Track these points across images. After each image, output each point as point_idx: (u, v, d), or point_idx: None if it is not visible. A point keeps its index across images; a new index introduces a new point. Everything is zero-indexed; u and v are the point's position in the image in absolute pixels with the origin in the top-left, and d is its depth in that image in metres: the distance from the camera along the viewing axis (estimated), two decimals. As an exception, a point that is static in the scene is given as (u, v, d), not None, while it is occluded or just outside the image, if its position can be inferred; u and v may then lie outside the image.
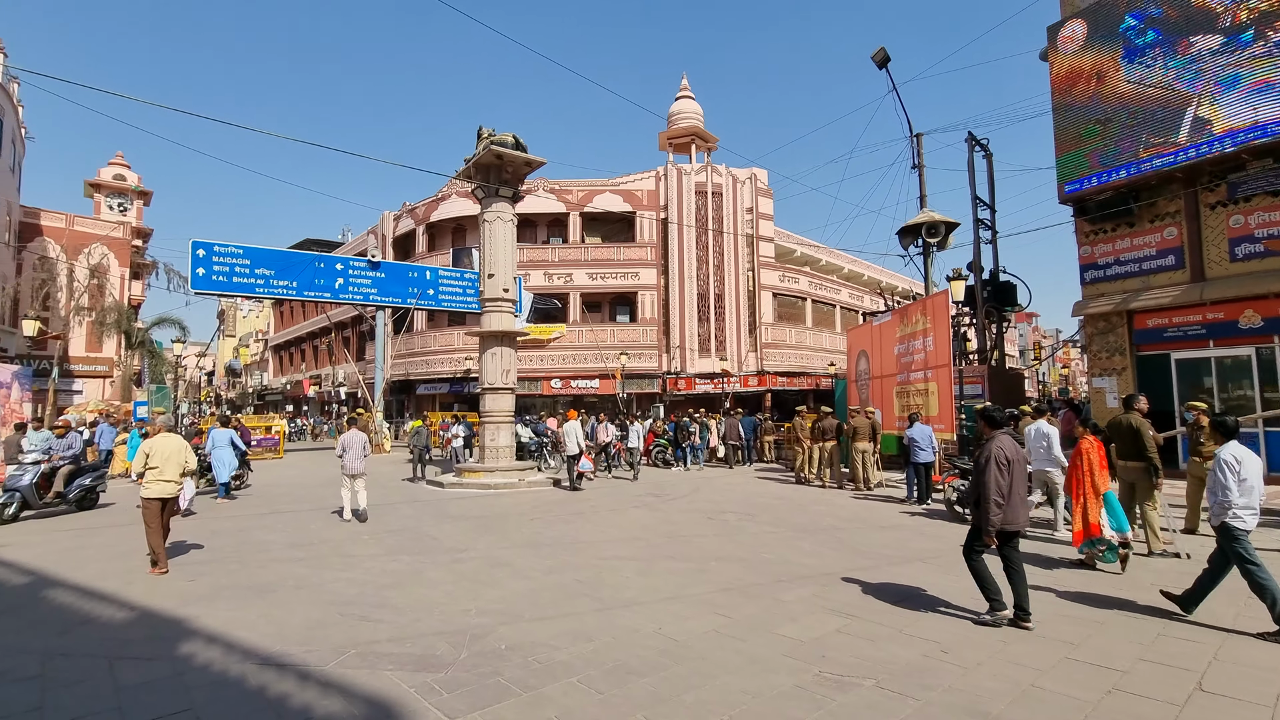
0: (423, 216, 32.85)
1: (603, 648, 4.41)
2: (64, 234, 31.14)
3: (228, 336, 63.15)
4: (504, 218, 14.77)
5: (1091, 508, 6.26)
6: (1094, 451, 6.44)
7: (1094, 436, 6.59)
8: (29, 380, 16.02)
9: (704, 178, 31.16)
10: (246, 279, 19.64)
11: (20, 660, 4.27)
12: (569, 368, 29.93)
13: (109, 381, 32.29)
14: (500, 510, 10.62)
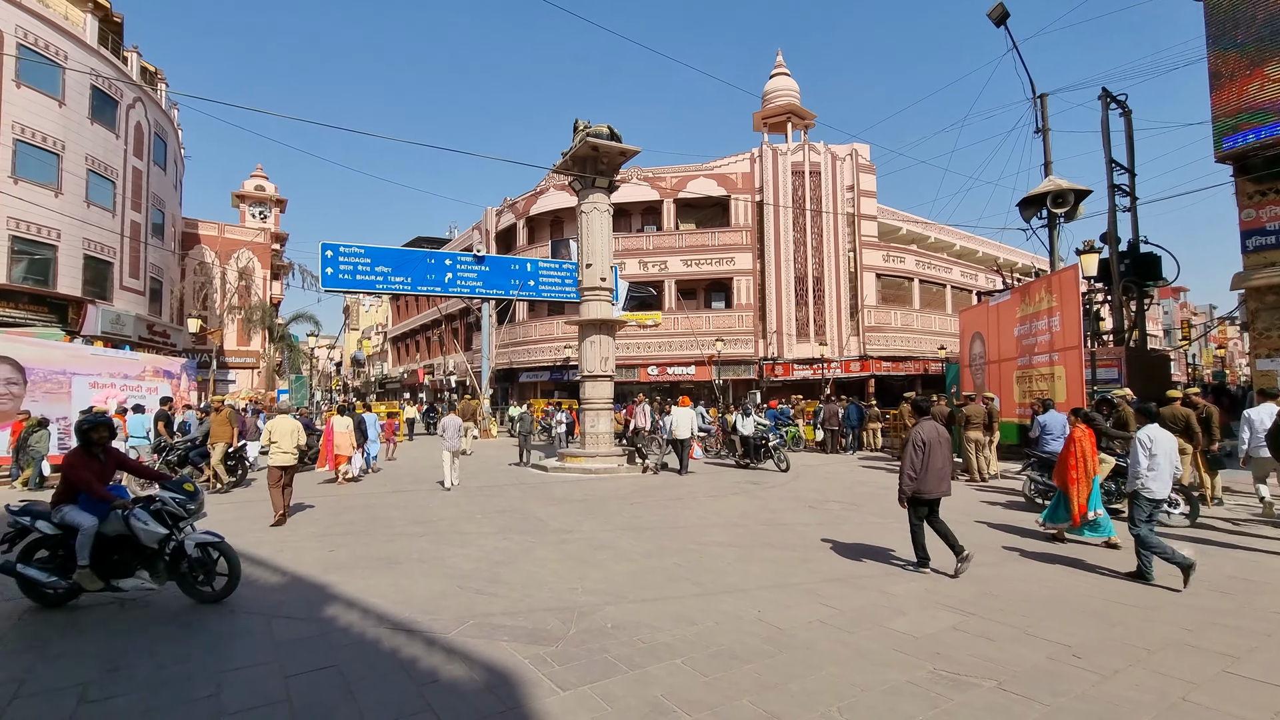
0: (522, 210, 34.05)
1: (705, 632, 4.45)
2: (217, 241, 35.15)
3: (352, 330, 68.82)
4: (600, 208, 15.03)
5: (1083, 492, 6.63)
6: (1085, 440, 6.72)
7: (1085, 425, 6.88)
8: (194, 371, 18.26)
9: (801, 157, 30.15)
10: (368, 276, 21.26)
11: (198, 615, 4.93)
12: (665, 355, 30.12)
13: (256, 372, 36.18)
14: (601, 494, 10.93)
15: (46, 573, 4.97)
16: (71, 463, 5.15)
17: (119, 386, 14.66)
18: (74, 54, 22.13)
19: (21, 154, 20.37)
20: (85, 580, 4.93)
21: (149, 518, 5.02)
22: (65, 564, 5.00)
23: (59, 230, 21.43)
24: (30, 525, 5.09)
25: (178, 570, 5.13)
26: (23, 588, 5.03)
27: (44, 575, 4.95)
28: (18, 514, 5.18)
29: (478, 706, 3.40)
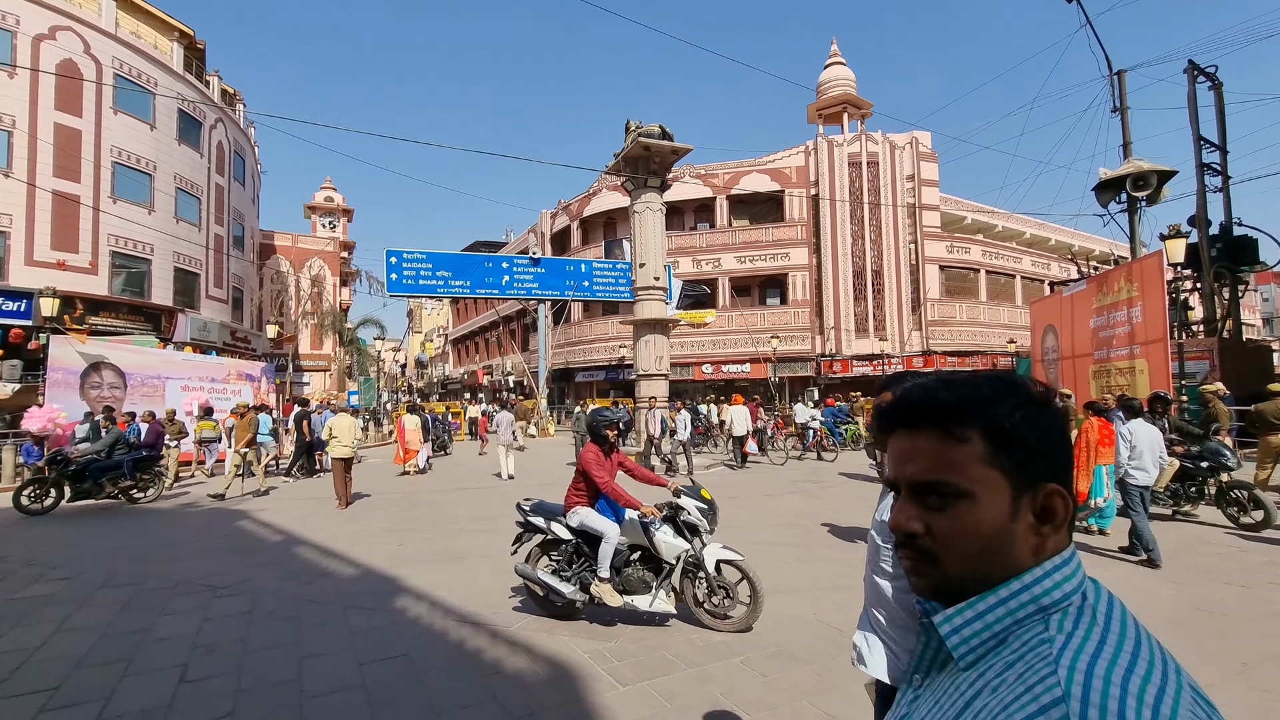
0: (576, 212, 34.49)
1: (764, 632, 4.43)
2: (291, 251, 37.13)
3: (415, 333, 71.36)
4: (653, 207, 15.09)
5: (1083, 480, 6.74)
6: (1093, 431, 6.82)
7: (1097, 416, 6.97)
8: (273, 374, 19.38)
9: (858, 147, 29.37)
10: (430, 280, 22.03)
11: (283, 603, 5.25)
12: (719, 353, 29.94)
13: (328, 374, 38.04)
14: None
15: (567, 582, 4.59)
16: (591, 460, 4.59)
17: (206, 389, 15.72)
18: (163, 80, 23.82)
19: (119, 175, 22.09)
20: (607, 595, 4.46)
21: (669, 529, 4.52)
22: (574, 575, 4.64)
23: (152, 245, 23.12)
24: (543, 527, 4.79)
25: (689, 590, 4.56)
26: (536, 597, 4.78)
27: (567, 587, 4.54)
28: (530, 513, 4.91)
29: (540, 698, 3.50)
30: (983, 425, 0.70)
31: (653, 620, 4.60)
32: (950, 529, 0.70)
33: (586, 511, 4.59)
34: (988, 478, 0.69)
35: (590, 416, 4.97)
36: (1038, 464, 0.70)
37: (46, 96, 20.09)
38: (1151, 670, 0.58)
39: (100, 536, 8.15)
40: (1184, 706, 0.56)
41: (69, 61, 20.63)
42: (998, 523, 0.69)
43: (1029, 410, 0.71)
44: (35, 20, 20.02)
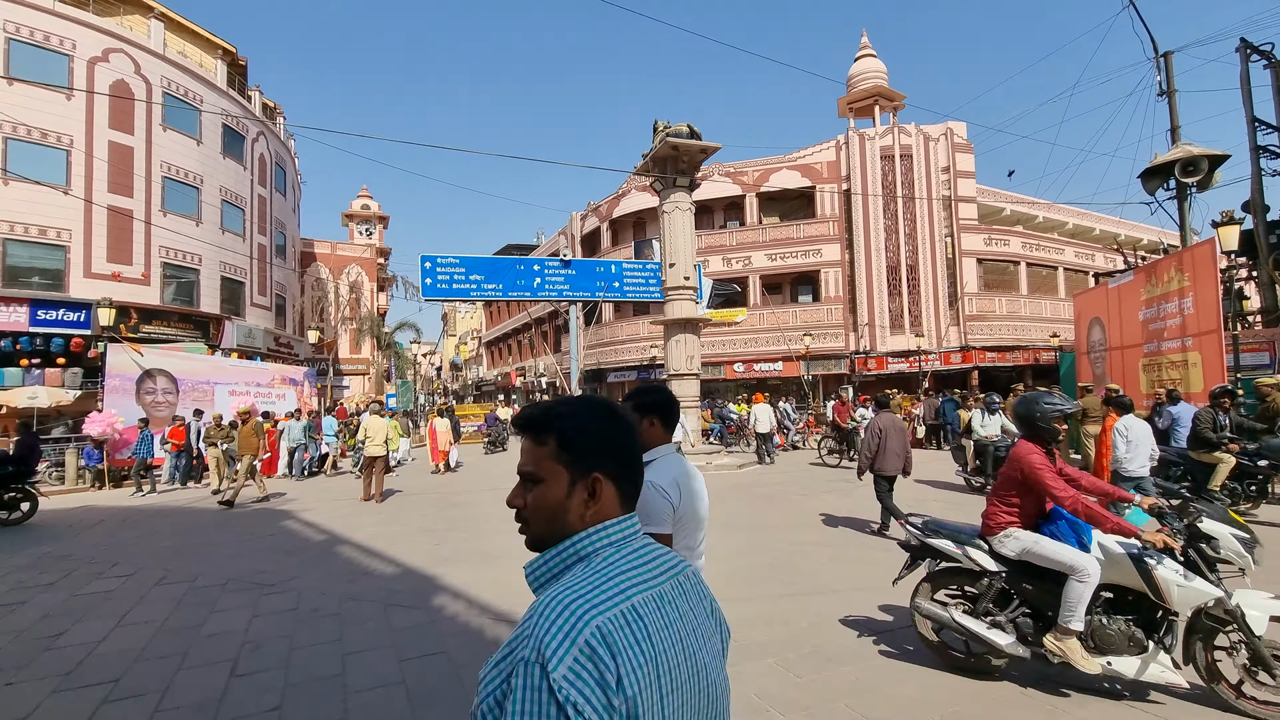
0: (606, 214, 34.65)
1: (798, 632, 4.40)
2: (330, 258, 38.17)
3: (450, 336, 72.59)
4: (682, 207, 15.07)
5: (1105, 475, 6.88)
6: None
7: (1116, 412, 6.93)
8: (314, 379, 19.95)
9: (890, 140, 28.83)
10: (463, 284, 22.35)
11: (325, 601, 5.42)
12: (751, 351, 29.73)
13: (366, 378, 38.96)
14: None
15: (998, 629, 3.45)
16: (1040, 465, 3.38)
17: (252, 394, 16.27)
18: (208, 97, 24.73)
19: (169, 189, 23.00)
20: (1073, 653, 3.19)
21: (1177, 565, 3.14)
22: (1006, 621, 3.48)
23: (200, 255, 24.02)
24: (954, 554, 3.68)
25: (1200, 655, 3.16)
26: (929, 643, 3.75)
27: (1003, 637, 3.42)
28: (927, 532, 3.88)
29: (575, 696, 3.54)
30: (555, 433, 1.00)
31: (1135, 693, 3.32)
32: (534, 504, 1.00)
33: (1033, 538, 3.41)
34: (555, 469, 0.99)
35: (1030, 404, 3.61)
36: (590, 459, 1.00)
37: (101, 116, 21.05)
38: (593, 593, 0.87)
39: (157, 535, 8.51)
40: (598, 612, 0.84)
41: (121, 82, 21.58)
42: (559, 500, 0.99)
43: (585, 423, 1.01)
44: (90, 44, 21.00)
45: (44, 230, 19.89)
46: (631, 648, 0.85)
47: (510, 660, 0.82)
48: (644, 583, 0.94)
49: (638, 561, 0.98)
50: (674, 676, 0.90)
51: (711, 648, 1.04)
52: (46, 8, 20.35)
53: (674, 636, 0.92)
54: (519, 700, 0.78)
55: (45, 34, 20.21)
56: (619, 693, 0.81)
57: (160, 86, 22.69)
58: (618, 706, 0.80)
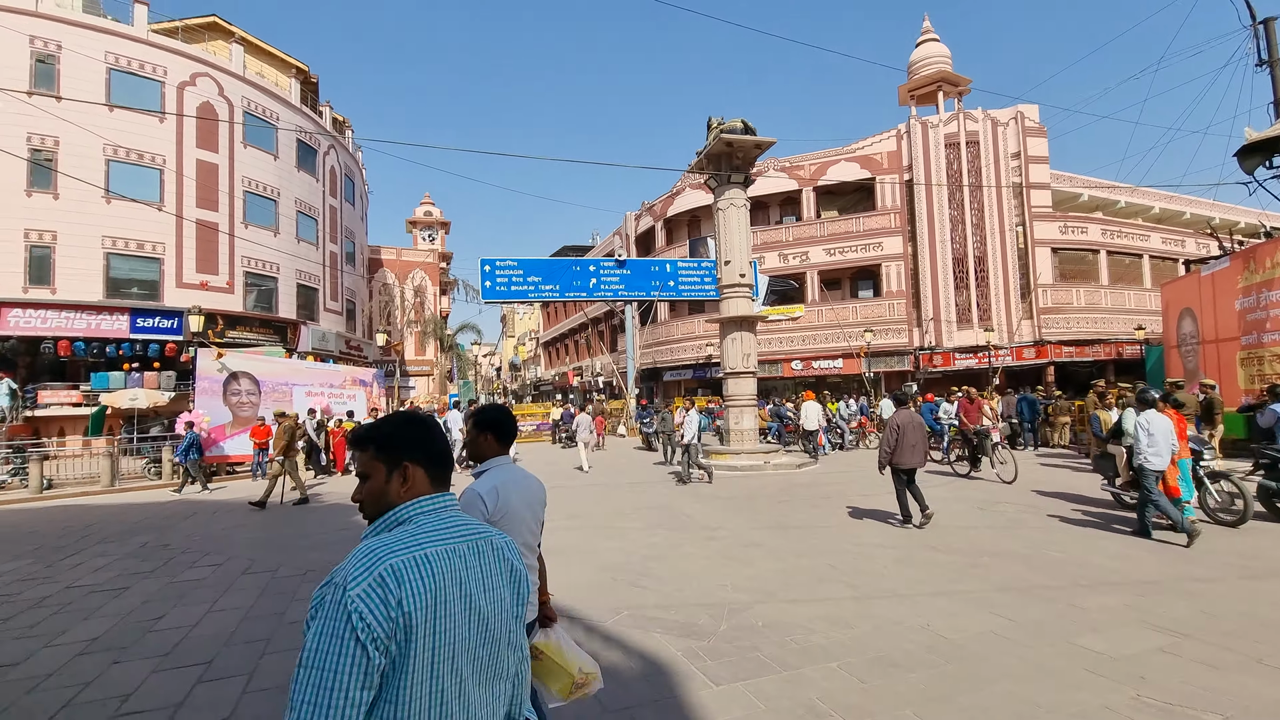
0: (660, 213, 34.68)
1: (862, 636, 4.29)
2: (396, 264, 39.71)
3: (509, 337, 74.28)
4: (736, 204, 14.92)
5: (1170, 473, 6.67)
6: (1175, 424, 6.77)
7: (1174, 410, 7.04)
8: (383, 380, 20.82)
9: (955, 127, 27.67)
10: (521, 286, 22.83)
11: (395, 592, 5.64)
12: (809, 348, 29.14)
13: (431, 378, 40.34)
14: (748, 491, 10.85)
15: None
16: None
17: (326, 394, 17.10)
18: (283, 114, 26.17)
19: (250, 203, 24.48)
20: None
21: None
22: None
23: (278, 264, 25.45)
24: None
25: None
26: None
27: None
28: None
29: (635, 693, 3.57)
30: (371, 442, 1.37)
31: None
32: (365, 494, 1.37)
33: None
34: (375, 466, 1.35)
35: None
36: (399, 454, 1.35)
37: (189, 136, 22.59)
38: (395, 543, 1.20)
39: (244, 528, 9.08)
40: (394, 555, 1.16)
41: (207, 104, 23.10)
42: (380, 486, 1.35)
43: (393, 430, 1.38)
44: (179, 70, 22.58)
45: (141, 244, 21.51)
46: (415, 581, 1.16)
47: (326, 585, 1.14)
48: (441, 540, 1.26)
49: (442, 526, 1.30)
50: (448, 607, 1.20)
51: (495, 595, 1.31)
52: (141, 38, 21.99)
53: (456, 579, 1.23)
54: (323, 612, 1.11)
55: (140, 63, 21.85)
56: (398, 609, 1.13)
57: (241, 106, 24.16)
58: (395, 619, 1.12)
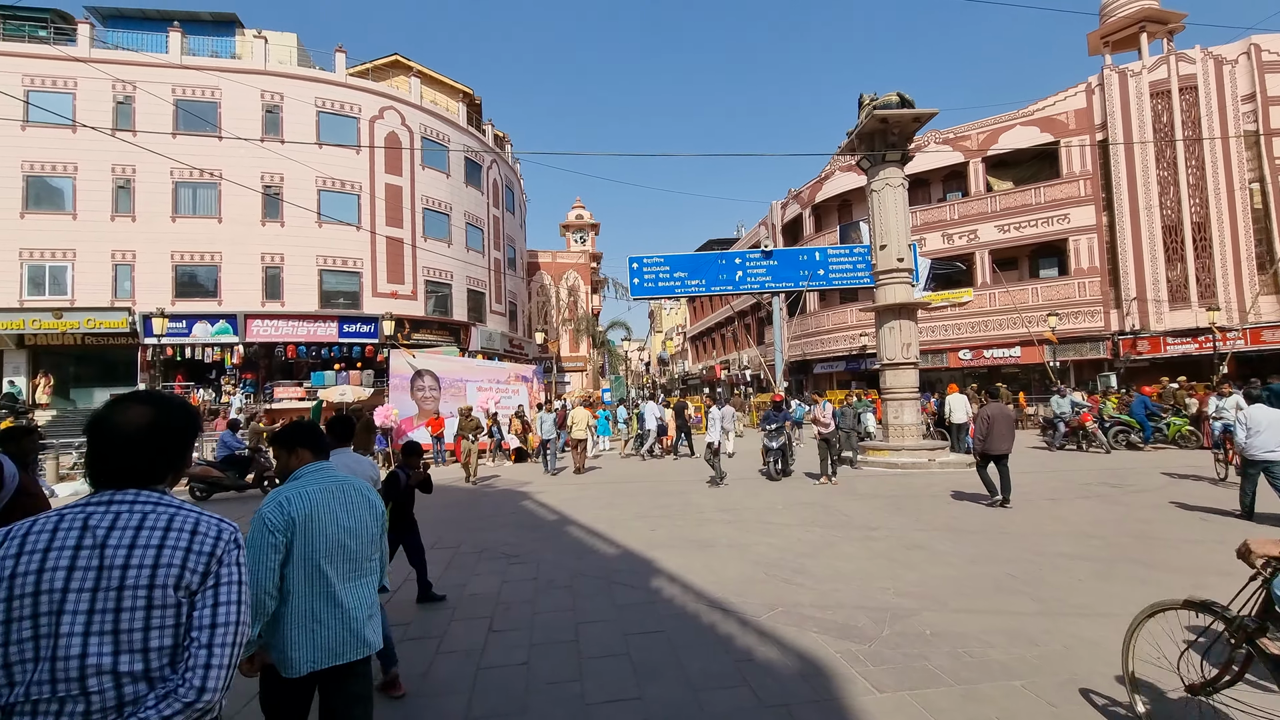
0: (808, 199, 33.45)
1: (1051, 655, 3.86)
2: (551, 266, 42.28)
3: (657, 332, 75.89)
4: (893, 183, 13.98)
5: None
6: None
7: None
8: (542, 376, 22.29)
9: (1164, 72, 23.61)
10: (668, 282, 23.25)
11: (559, 574, 6.05)
12: (979, 336, 26.53)
13: (584, 374, 42.46)
14: (911, 490, 10.17)
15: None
16: None
17: (494, 390, 18.66)
18: (453, 136, 28.92)
19: (428, 219, 27.40)
20: None
21: None
22: None
23: (452, 272, 28.23)
24: None
25: None
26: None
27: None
28: None
29: (792, 691, 3.52)
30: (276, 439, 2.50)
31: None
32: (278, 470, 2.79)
33: None
34: (280, 453, 2.45)
35: None
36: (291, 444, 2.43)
37: (379, 164, 25.77)
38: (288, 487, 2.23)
39: (428, 509, 10.21)
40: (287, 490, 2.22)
41: (392, 134, 26.19)
42: (284, 462, 2.43)
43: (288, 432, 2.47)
44: (370, 106, 25.82)
45: (345, 260, 24.93)
46: (295, 500, 2.15)
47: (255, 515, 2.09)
48: (316, 484, 2.26)
49: (318, 478, 2.29)
50: (319, 516, 2.17)
51: (357, 514, 2.30)
52: (341, 81, 25.46)
53: (325, 503, 2.21)
54: (252, 526, 2.05)
55: (341, 103, 25.29)
56: (288, 514, 2.12)
57: (419, 132, 27.08)
58: (286, 518, 2.11)
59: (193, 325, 22.45)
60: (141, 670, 1.28)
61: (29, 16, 23.30)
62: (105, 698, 1.26)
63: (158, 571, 1.32)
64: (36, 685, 1.23)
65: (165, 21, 24.35)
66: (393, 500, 5.20)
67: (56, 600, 1.26)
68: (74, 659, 1.25)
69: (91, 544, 1.31)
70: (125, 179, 22.75)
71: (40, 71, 22.27)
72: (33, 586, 1.26)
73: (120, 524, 1.34)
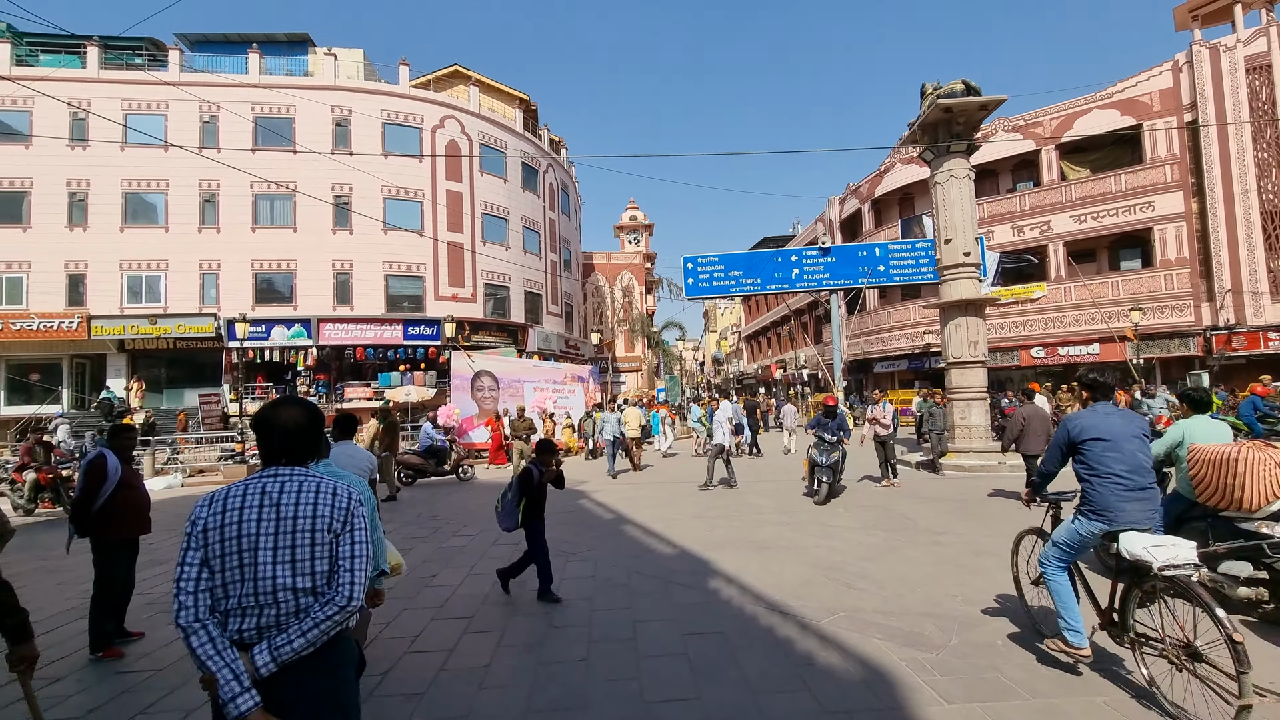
0: (867, 194, 32.55)
1: (1136, 668, 3.63)
2: (605, 267, 42.65)
3: (711, 332, 75.43)
4: (958, 175, 13.46)
5: None
6: None
7: None
8: (597, 376, 22.54)
9: (1262, 45, 21.82)
10: (723, 281, 23.09)
11: (616, 572, 6.11)
12: (1053, 332, 25.18)
13: (639, 374, 42.63)
14: (978, 494, 9.75)
15: None
16: None
17: (551, 390, 18.99)
18: (510, 142, 29.58)
19: (486, 223, 28.11)
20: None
21: None
22: None
23: (509, 275, 28.88)
24: None
25: None
26: None
27: None
28: None
29: (855, 698, 3.44)
30: None
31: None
32: None
33: None
34: None
35: None
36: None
37: (440, 171, 26.63)
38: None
39: (489, 504, 10.49)
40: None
41: (452, 142, 27.02)
42: None
43: None
44: (431, 116, 26.72)
45: (409, 266, 25.87)
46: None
47: None
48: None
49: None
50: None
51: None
52: (404, 93, 26.45)
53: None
54: None
55: (405, 114, 26.27)
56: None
57: (477, 140, 27.82)
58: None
59: (271, 329, 23.77)
60: (309, 586, 1.87)
61: (127, 45, 25.23)
62: (287, 605, 1.85)
63: (315, 520, 1.90)
64: (245, 597, 1.82)
65: (245, 44, 25.91)
66: (525, 496, 5.31)
67: (251, 541, 1.84)
68: (266, 579, 1.83)
69: (269, 503, 1.89)
70: (211, 193, 24.34)
71: (137, 96, 24.08)
72: (235, 533, 1.84)
73: (286, 489, 1.93)
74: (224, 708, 1.72)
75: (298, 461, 2.04)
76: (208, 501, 1.90)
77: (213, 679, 1.73)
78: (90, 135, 23.20)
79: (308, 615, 1.84)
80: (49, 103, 22.02)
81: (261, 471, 1.97)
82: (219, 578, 1.82)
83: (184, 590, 1.80)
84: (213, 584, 1.82)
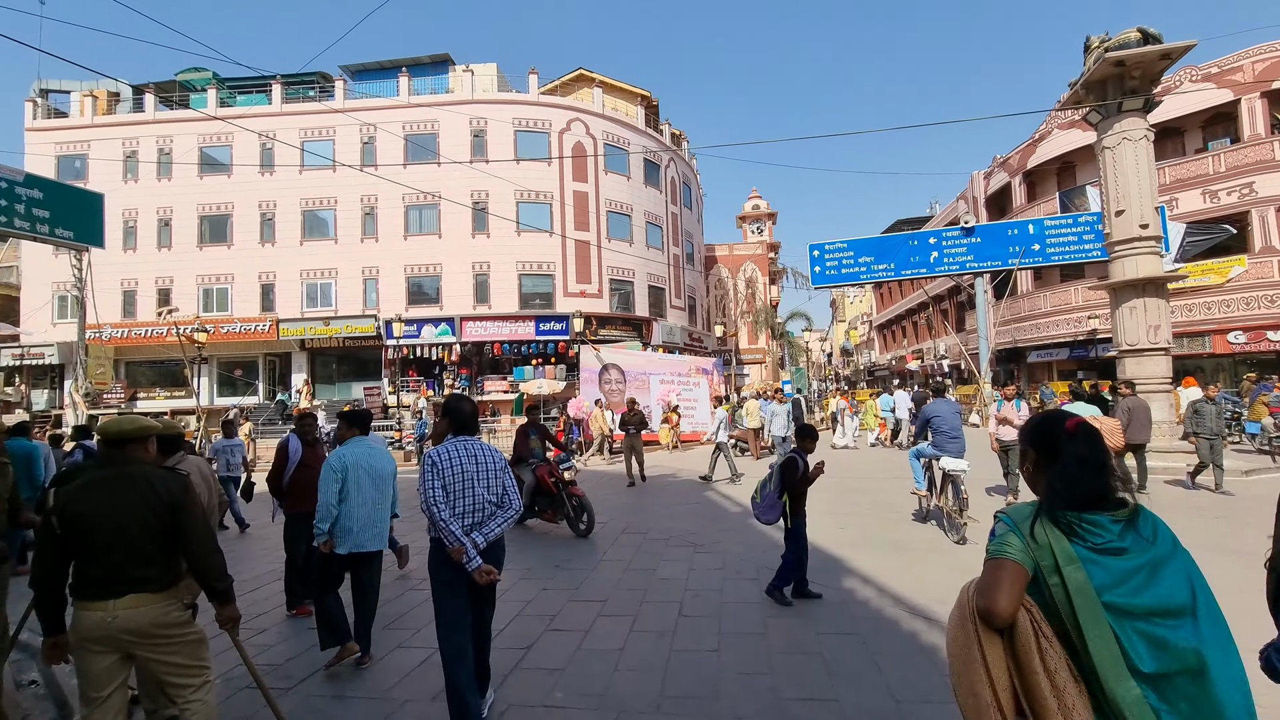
0: (1017, 166, 29.53)
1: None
2: (728, 259, 42.23)
3: (839, 322, 72.25)
4: (1133, 136, 11.81)
5: None
6: None
7: None
8: (721, 368, 22.43)
9: None
10: (852, 268, 22.04)
11: (746, 565, 6.07)
12: (1257, 315, 21.43)
13: (763, 365, 41.83)
14: (1168, 499, 8.55)
15: None
16: None
17: (675, 383, 19.17)
18: (633, 140, 30.12)
19: (611, 220, 28.89)
20: None
21: None
22: None
23: (633, 270, 29.48)
24: None
25: None
26: None
27: None
28: None
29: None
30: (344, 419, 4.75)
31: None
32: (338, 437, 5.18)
33: None
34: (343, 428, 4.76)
35: None
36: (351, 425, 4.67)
37: (568, 172, 27.73)
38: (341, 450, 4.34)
39: (621, 494, 10.84)
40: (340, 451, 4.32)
41: (578, 144, 28.02)
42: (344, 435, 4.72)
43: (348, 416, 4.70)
44: (559, 120, 27.88)
45: (539, 265, 27.24)
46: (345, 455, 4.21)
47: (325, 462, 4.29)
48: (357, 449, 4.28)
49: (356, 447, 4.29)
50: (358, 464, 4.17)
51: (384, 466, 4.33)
52: (534, 100, 27.83)
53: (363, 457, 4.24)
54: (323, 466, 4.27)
55: (534, 120, 27.63)
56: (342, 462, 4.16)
57: (601, 139, 28.62)
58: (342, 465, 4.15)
59: (421, 328, 26.08)
60: (496, 501, 3.30)
61: (302, 81, 28.79)
62: (486, 511, 3.25)
63: (495, 464, 3.33)
64: (465, 507, 3.19)
65: (396, 69, 28.58)
66: (786, 491, 4.95)
67: (470, 476, 3.22)
68: (478, 495, 3.23)
69: (469, 455, 3.26)
70: (370, 206, 27.17)
71: (311, 124, 27.42)
72: (459, 470, 3.20)
73: (476, 448, 3.32)
74: (467, 564, 3.04)
75: (472, 432, 3.42)
76: (438, 453, 3.16)
77: (461, 549, 3.04)
78: (276, 161, 26.84)
79: (495, 517, 3.26)
80: (245, 136, 25.75)
81: (456, 438, 3.32)
82: (451, 495, 3.15)
83: (435, 502, 3.11)
84: (447, 498, 3.15)
